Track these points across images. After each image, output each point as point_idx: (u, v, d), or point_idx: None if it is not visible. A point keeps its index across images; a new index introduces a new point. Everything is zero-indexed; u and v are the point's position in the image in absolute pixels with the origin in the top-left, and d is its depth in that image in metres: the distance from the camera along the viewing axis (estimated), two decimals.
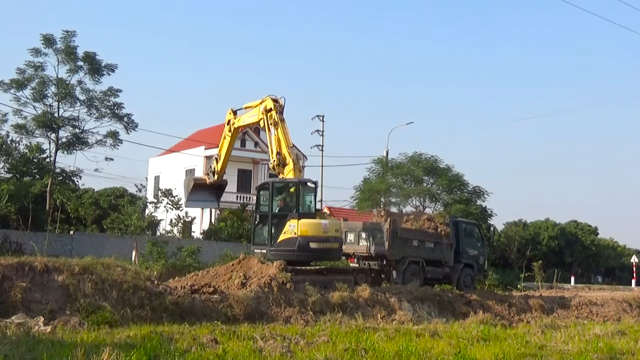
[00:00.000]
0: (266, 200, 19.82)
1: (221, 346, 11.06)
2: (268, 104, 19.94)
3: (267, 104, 19.98)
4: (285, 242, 18.56)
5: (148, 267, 22.36)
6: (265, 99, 20.08)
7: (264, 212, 19.81)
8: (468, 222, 25.68)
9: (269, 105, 19.89)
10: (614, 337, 15.09)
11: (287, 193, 19.43)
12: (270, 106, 19.82)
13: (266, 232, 19.32)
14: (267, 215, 19.45)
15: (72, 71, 33.67)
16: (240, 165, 51.87)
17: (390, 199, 39.81)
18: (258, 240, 19.90)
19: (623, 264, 64.01)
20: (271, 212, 19.28)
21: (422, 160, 39.66)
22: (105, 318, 13.43)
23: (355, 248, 21.91)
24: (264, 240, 19.35)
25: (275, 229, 18.98)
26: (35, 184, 36.74)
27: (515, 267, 49.38)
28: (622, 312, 22.79)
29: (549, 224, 59.74)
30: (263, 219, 19.81)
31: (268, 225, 19.23)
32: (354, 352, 11.03)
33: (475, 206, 39.22)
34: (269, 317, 15.85)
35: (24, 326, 11.73)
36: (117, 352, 9.20)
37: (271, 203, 19.45)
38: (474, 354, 11.54)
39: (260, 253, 19.12)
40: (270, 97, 19.99)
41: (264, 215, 19.76)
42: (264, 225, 19.71)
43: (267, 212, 19.42)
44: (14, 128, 33.90)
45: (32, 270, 14.07)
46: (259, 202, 20.26)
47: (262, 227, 19.85)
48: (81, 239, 33.72)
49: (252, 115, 20.89)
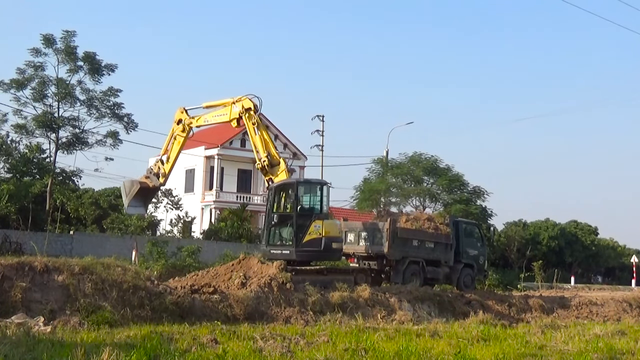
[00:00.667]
0: (288, 201, 19.40)
1: (221, 346, 11.06)
2: (247, 103, 19.46)
3: (245, 103, 19.46)
4: (310, 243, 18.80)
5: (148, 267, 22.36)
6: (243, 98, 19.59)
7: (285, 212, 19.35)
8: (468, 222, 25.70)
9: (247, 104, 19.42)
10: (614, 337, 15.09)
11: (312, 193, 19.57)
12: (250, 105, 19.39)
13: (287, 233, 19.11)
14: (289, 216, 19.12)
15: (72, 71, 33.63)
16: (240, 165, 51.94)
17: (390, 199, 39.82)
18: (276, 241, 19.37)
19: (623, 264, 64.03)
20: (296, 212, 19.04)
21: (422, 160, 39.67)
22: (105, 318, 13.43)
23: (355, 248, 21.91)
24: (285, 241, 19.14)
25: (300, 229, 18.86)
26: (35, 184, 36.74)
27: (515, 267, 49.41)
28: (622, 312, 22.79)
29: (549, 224, 59.76)
30: (284, 219, 19.30)
31: (292, 226, 18.92)
32: (354, 352, 11.03)
33: (475, 206, 39.23)
34: (269, 317, 15.85)
35: (24, 326, 11.73)
36: (117, 352, 9.20)
37: (296, 203, 19.16)
38: (474, 354, 11.54)
39: (280, 254, 18.87)
40: (247, 97, 19.53)
41: (285, 215, 19.29)
42: (284, 226, 19.29)
43: (290, 213, 19.10)
44: (14, 128, 33.86)
45: (32, 270, 14.08)
46: (278, 202, 19.53)
47: (281, 228, 19.37)
48: (81, 239, 33.73)
49: (219, 115, 20.05)
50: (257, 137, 19.57)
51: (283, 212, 19.43)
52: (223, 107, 20.10)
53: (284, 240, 19.23)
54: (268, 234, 19.51)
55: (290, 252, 18.83)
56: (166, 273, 22.21)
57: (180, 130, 20.44)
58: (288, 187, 19.54)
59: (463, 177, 39.87)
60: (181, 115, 20.52)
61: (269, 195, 19.74)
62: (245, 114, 19.44)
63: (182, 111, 20.55)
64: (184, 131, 20.49)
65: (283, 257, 18.72)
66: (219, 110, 20.17)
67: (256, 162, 19.96)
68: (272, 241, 19.41)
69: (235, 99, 19.69)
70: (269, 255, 18.78)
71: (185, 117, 20.47)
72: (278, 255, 18.79)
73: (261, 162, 19.49)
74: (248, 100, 19.45)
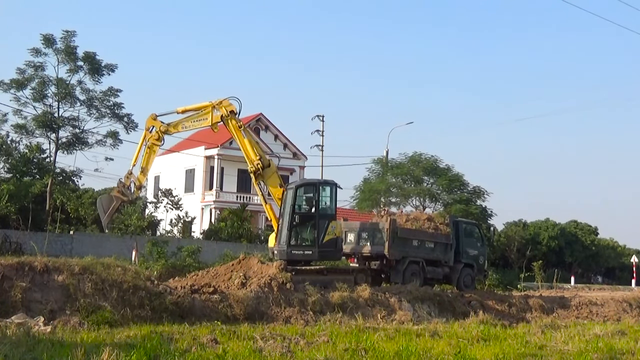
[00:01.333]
0: (310, 201, 19.40)
1: (221, 346, 11.07)
2: (229, 106, 18.77)
3: (228, 107, 18.75)
4: (329, 243, 19.05)
5: (148, 267, 22.35)
6: (224, 101, 18.84)
7: (308, 213, 19.31)
8: (468, 222, 25.68)
9: (230, 107, 18.79)
10: (614, 337, 15.09)
11: (327, 194, 19.62)
12: (233, 108, 18.81)
13: (309, 234, 19.16)
14: (312, 216, 19.17)
15: (72, 71, 33.65)
16: (240, 165, 51.79)
17: (390, 199, 39.85)
18: (299, 242, 19.14)
19: (623, 264, 64.01)
20: (318, 212, 19.16)
21: (422, 160, 39.68)
22: (105, 318, 13.45)
23: (355, 248, 21.90)
24: (308, 242, 19.14)
25: (320, 230, 18.97)
26: (35, 184, 36.74)
27: (515, 267, 49.37)
28: (622, 312, 22.77)
29: (549, 224, 59.75)
30: (306, 219, 19.24)
31: (315, 227, 18.97)
32: (354, 352, 11.03)
33: (475, 206, 39.24)
34: (269, 317, 15.85)
35: (24, 326, 11.73)
36: (117, 352, 9.20)
37: (318, 204, 19.24)
38: (474, 354, 11.55)
39: (302, 254, 18.94)
40: (228, 99, 18.90)
41: (308, 216, 19.26)
42: (305, 227, 19.24)
43: (313, 213, 19.18)
44: (14, 128, 33.89)
45: (32, 270, 14.09)
46: (300, 202, 19.32)
47: (303, 229, 19.28)
48: (81, 239, 33.73)
49: (199, 120, 18.98)
50: (246, 140, 19.16)
51: (305, 212, 19.40)
52: (202, 112, 18.98)
53: (307, 241, 19.21)
54: (290, 235, 18.90)
55: (313, 252, 18.94)
56: (166, 273, 22.20)
57: (155, 138, 18.82)
58: (310, 187, 19.60)
59: (463, 177, 39.93)
60: (153, 122, 18.86)
61: (288, 195, 19.24)
62: (229, 117, 18.81)
63: (153, 118, 18.92)
64: (159, 139, 18.92)
65: (305, 258, 18.94)
66: (198, 115, 18.99)
67: (248, 165, 19.34)
68: (295, 242, 19.06)
69: (215, 102, 18.84)
70: (290, 257, 18.69)
71: (158, 124, 18.82)
72: (300, 256, 18.91)
73: (255, 165, 19.06)
74: (230, 104, 18.80)
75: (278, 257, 18.75)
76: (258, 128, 56.40)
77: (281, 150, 56.32)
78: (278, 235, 19.31)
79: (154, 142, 18.75)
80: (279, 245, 19.08)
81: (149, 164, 18.98)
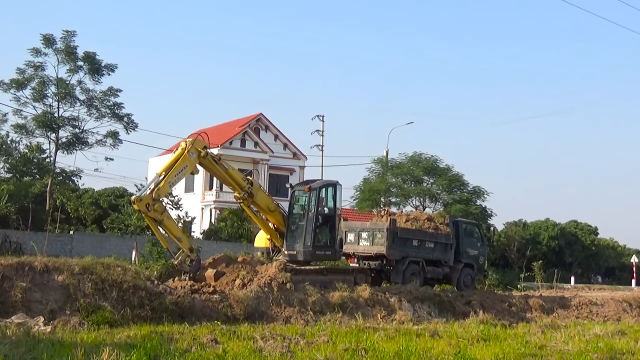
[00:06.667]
0: (329, 201, 19.51)
1: (221, 346, 11.07)
2: (200, 143, 17.50)
3: (198, 144, 17.44)
4: (340, 243, 19.64)
5: (148, 267, 22.32)
6: (192, 140, 17.45)
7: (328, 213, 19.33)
8: (468, 222, 25.66)
9: (201, 144, 17.52)
10: (614, 337, 15.10)
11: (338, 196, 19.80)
12: (205, 144, 17.74)
13: (327, 234, 19.24)
14: (331, 216, 19.31)
15: (72, 71, 33.68)
16: (240, 165, 51.82)
17: (390, 199, 39.81)
18: (321, 242, 18.98)
19: (623, 264, 63.94)
20: (337, 213, 19.43)
21: (422, 160, 39.63)
22: (105, 318, 13.45)
23: (355, 248, 21.89)
24: (328, 241, 19.18)
25: (337, 230, 19.32)
26: (35, 184, 36.78)
27: (515, 267, 49.36)
28: (622, 312, 22.78)
29: (549, 224, 59.72)
30: (326, 220, 19.23)
31: (334, 227, 19.20)
32: (354, 352, 11.04)
33: (475, 206, 39.17)
34: (269, 317, 15.85)
35: (24, 326, 11.73)
36: (117, 352, 9.21)
37: (335, 205, 19.49)
38: (474, 354, 11.55)
39: (324, 254, 19.15)
40: (193, 137, 17.79)
41: (328, 216, 19.29)
42: (324, 227, 19.21)
43: (333, 214, 19.33)
44: (14, 128, 33.92)
45: (32, 270, 14.09)
46: (321, 202, 19.22)
47: (322, 229, 19.20)
48: (81, 239, 33.77)
49: (179, 172, 17.26)
50: (230, 170, 18.52)
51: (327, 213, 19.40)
52: (175, 164, 17.18)
53: (327, 241, 19.26)
54: (314, 236, 18.68)
55: (332, 252, 19.27)
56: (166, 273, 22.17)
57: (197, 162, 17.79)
58: (329, 187, 19.71)
59: (463, 177, 39.86)
60: (139, 206, 16.64)
61: (311, 196, 18.99)
62: (206, 155, 17.65)
63: (133, 201, 17.01)
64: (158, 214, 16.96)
65: (325, 258, 19.34)
66: (174, 170, 17.12)
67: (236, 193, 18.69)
68: (317, 242, 18.88)
69: (184, 148, 17.27)
70: (314, 257, 18.86)
71: (149, 201, 16.57)
72: (321, 257, 19.15)
73: (246, 191, 18.42)
74: (199, 140, 17.60)
75: (302, 258, 18.63)
76: (258, 128, 56.42)
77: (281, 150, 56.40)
78: (290, 236, 19.07)
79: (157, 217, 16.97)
80: (303, 246, 18.59)
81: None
